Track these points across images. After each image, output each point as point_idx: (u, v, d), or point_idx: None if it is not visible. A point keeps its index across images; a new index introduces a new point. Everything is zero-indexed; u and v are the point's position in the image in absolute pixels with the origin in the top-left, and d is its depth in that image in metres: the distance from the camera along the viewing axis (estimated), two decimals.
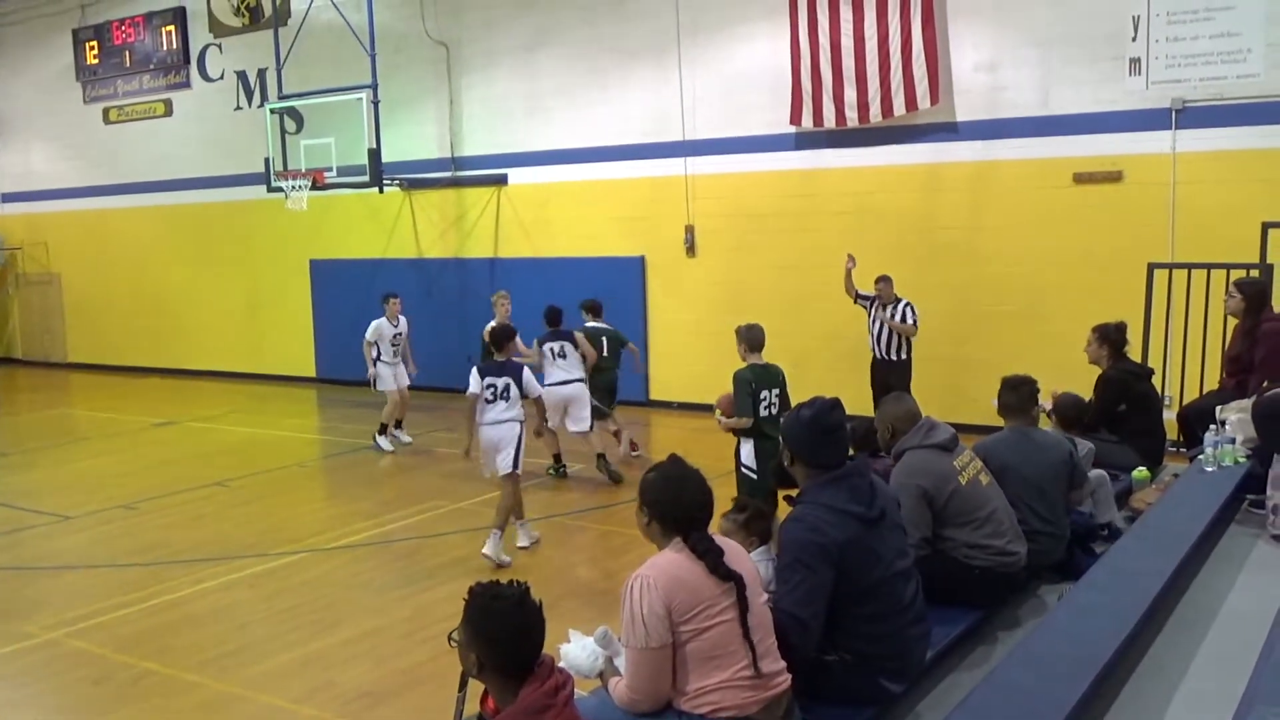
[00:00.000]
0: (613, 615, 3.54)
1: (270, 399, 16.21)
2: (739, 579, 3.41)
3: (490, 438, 8.05)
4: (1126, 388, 7.08)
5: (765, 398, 7.07)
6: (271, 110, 15.54)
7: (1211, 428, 6.48)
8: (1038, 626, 4.33)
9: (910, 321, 10.61)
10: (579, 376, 10.31)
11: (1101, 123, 10.94)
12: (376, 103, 14.24)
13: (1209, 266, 8.83)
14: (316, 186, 14.86)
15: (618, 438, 11.10)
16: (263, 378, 17.56)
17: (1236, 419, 6.47)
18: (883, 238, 11.97)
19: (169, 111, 18.55)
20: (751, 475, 7.01)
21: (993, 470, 4.98)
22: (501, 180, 15.09)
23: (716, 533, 3.61)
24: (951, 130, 11.78)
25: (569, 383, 10.26)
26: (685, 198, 13.59)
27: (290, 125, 15.81)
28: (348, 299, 16.21)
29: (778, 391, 7.16)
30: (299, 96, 15.23)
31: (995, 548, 4.66)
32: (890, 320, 10.55)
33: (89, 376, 19.66)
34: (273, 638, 6.63)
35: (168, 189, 18.55)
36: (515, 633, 2.82)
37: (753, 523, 4.34)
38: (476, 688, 3.05)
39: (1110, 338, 7.23)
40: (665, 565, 3.40)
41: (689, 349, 13.53)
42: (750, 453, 7.05)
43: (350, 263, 16.50)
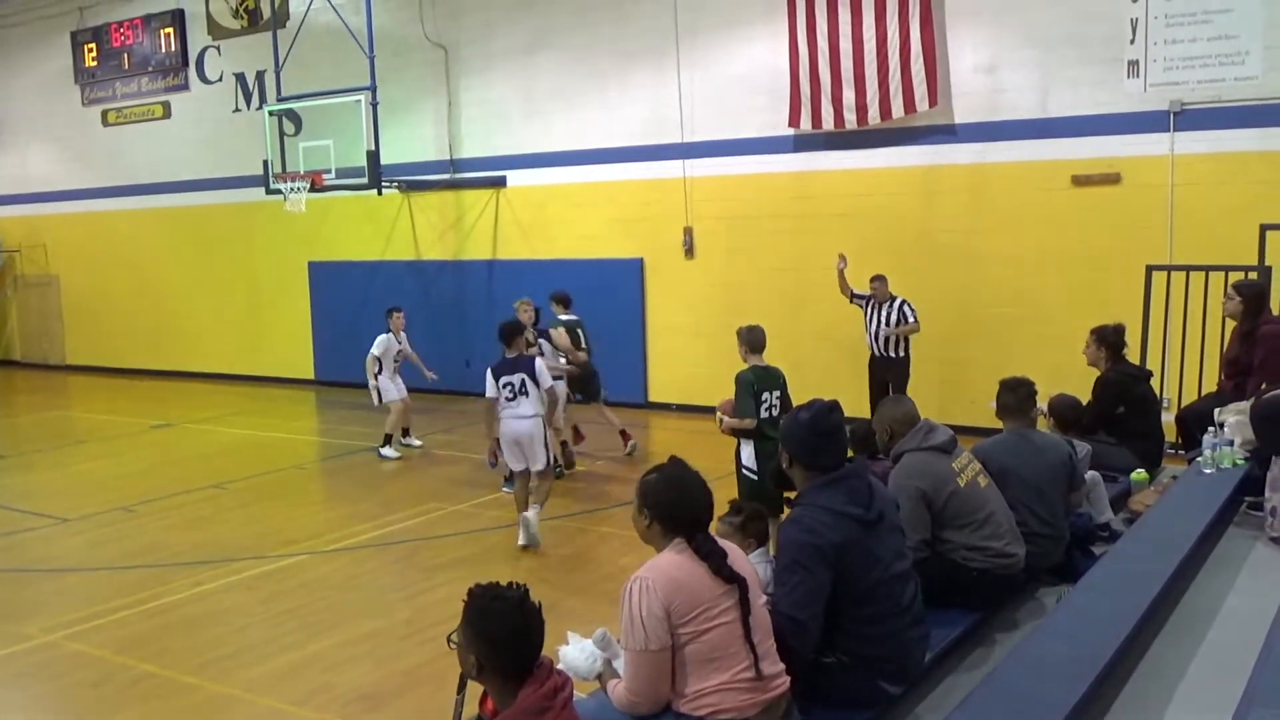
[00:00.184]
0: (612, 617, 3.53)
1: (269, 401, 16.20)
2: (742, 581, 3.41)
3: (518, 431, 8.12)
4: (1125, 390, 7.09)
5: (766, 399, 7.07)
6: (270, 112, 15.55)
7: (1210, 430, 6.50)
8: (1036, 628, 4.33)
9: (911, 321, 10.63)
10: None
11: (1100, 125, 10.95)
12: (375, 105, 14.26)
13: (1207, 269, 8.84)
14: (315, 188, 14.88)
15: (624, 437, 11.07)
16: (261, 380, 17.57)
17: (1235, 421, 6.47)
18: (881, 240, 11.97)
19: (167, 114, 18.54)
20: (752, 477, 7.01)
21: (992, 472, 4.98)
22: (500, 182, 15.09)
23: (714, 535, 3.61)
24: (950, 132, 11.79)
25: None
26: (684, 199, 13.60)
27: (289, 127, 15.82)
28: (346, 301, 16.26)
29: (779, 393, 7.16)
30: (297, 99, 15.24)
31: (994, 550, 4.66)
32: (892, 330, 10.55)
33: (87, 378, 19.64)
34: (271, 640, 6.63)
35: (166, 191, 18.56)
36: (514, 634, 2.82)
37: (750, 524, 4.35)
38: (475, 689, 3.05)
39: (1109, 340, 7.24)
40: (664, 567, 3.40)
41: (687, 350, 13.53)
42: (751, 454, 7.05)
43: (349, 265, 16.50)
